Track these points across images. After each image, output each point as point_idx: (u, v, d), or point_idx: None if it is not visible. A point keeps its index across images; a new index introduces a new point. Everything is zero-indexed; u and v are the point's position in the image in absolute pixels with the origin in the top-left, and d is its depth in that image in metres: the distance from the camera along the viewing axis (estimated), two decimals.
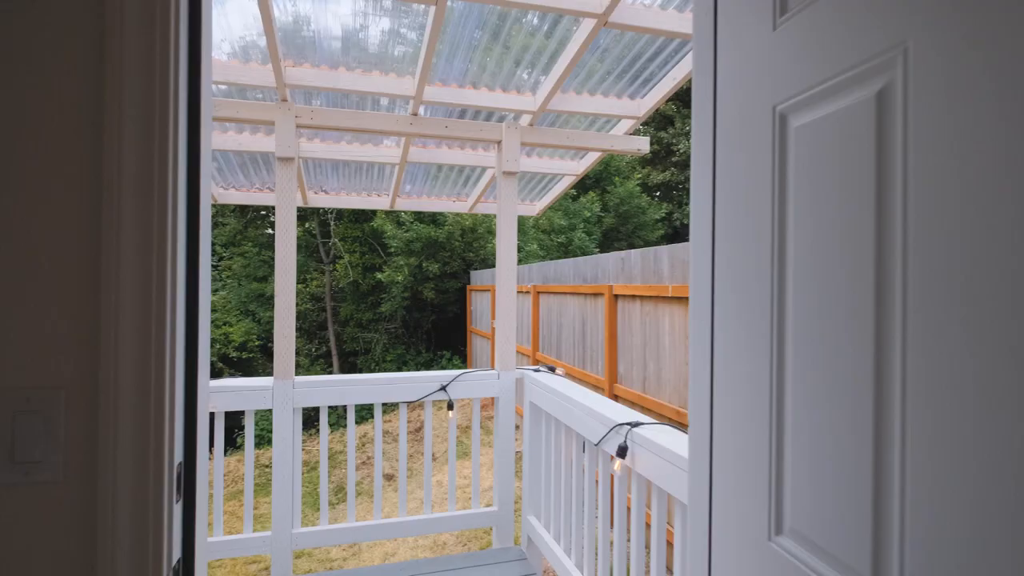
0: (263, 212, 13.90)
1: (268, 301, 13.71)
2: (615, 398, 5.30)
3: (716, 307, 1.04)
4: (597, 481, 2.32)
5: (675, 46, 2.73)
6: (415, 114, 2.95)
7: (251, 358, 12.67)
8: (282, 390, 2.74)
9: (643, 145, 3.39)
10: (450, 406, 3.00)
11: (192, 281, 0.89)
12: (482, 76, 2.93)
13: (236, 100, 2.68)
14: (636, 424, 1.96)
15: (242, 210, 13.62)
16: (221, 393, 2.67)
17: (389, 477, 7.45)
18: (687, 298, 4.25)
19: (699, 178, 1.09)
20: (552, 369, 3.10)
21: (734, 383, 0.96)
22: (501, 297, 3.14)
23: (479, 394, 3.05)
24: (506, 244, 3.10)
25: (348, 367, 13.12)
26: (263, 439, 8.89)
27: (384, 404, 4.44)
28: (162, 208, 0.81)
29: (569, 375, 6.57)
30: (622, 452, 1.93)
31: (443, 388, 2.99)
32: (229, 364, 12.52)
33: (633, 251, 5.06)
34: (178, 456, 0.84)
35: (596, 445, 2.18)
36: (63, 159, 0.79)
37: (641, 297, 4.85)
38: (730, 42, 0.99)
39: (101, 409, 0.78)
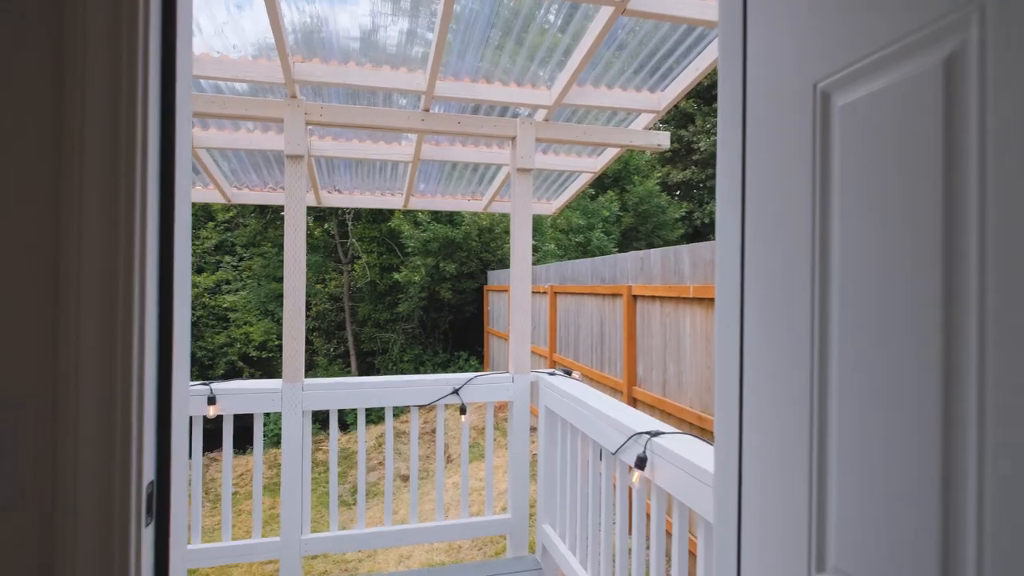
0: (283, 213, 14.02)
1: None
2: (634, 401, 5.18)
3: (746, 310, 0.93)
4: (615, 489, 2.22)
5: (696, 35, 2.61)
6: (427, 110, 2.87)
7: (271, 357, 12.77)
8: (291, 393, 2.68)
9: (663, 140, 3.27)
10: (463, 410, 2.92)
11: (166, 279, 0.82)
12: (495, 70, 2.84)
13: (246, 97, 2.64)
14: (656, 433, 1.85)
15: (262, 210, 13.75)
16: (229, 396, 2.62)
17: (405, 478, 7.41)
18: (710, 299, 4.13)
19: (726, 170, 0.98)
20: (568, 372, 3.00)
21: (767, 394, 0.85)
22: (516, 297, 3.05)
23: (493, 398, 2.96)
24: (521, 243, 3.01)
25: (366, 367, 13.15)
26: (278, 440, 8.93)
27: (396, 407, 4.44)
28: (129, 201, 0.74)
29: (586, 378, 6.45)
30: (641, 463, 1.83)
31: (456, 391, 2.91)
32: (250, 363, 12.64)
33: (653, 250, 4.93)
34: (148, 474, 0.76)
35: (614, 454, 2.08)
36: (20, 147, 0.72)
37: (661, 298, 4.71)
38: (762, 15, 0.88)
39: (60, 424, 0.70)
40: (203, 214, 15.04)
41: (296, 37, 2.53)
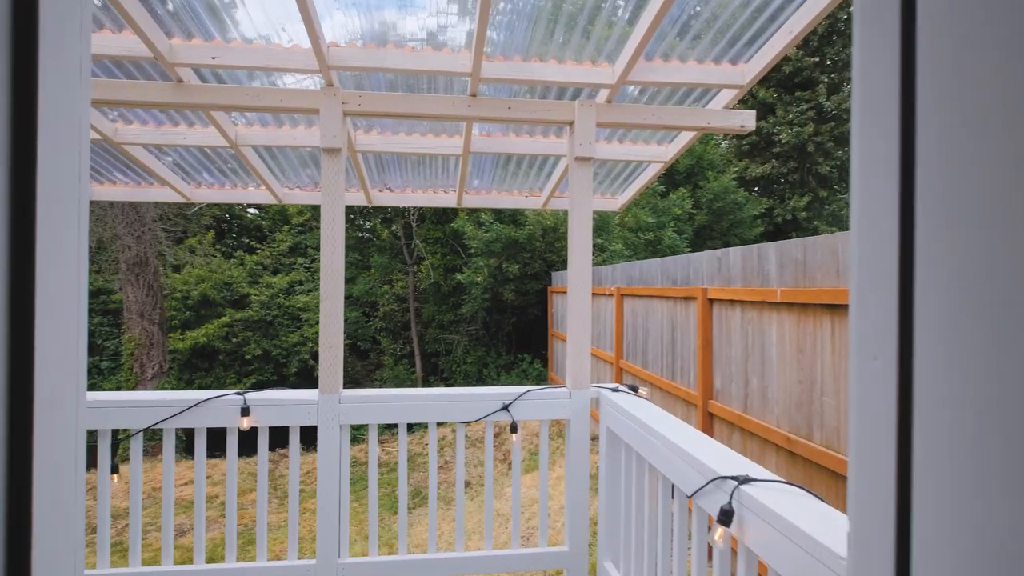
0: (350, 215, 14.31)
1: (354, 302, 14.09)
2: (710, 417, 4.67)
3: (919, 334, 0.55)
4: (690, 538, 1.83)
5: None
6: (474, 95, 2.59)
7: None
8: (327, 405, 2.48)
9: (747, 120, 2.81)
10: (513, 428, 2.61)
11: (21, 281, 0.55)
12: (549, 46, 2.51)
13: (279, 88, 2.46)
14: (746, 480, 1.46)
15: None
16: (263, 407, 2.45)
17: (449, 501, 7.20)
18: (802, 305, 3.60)
19: (870, 132, 0.60)
20: (634, 389, 2.62)
21: (971, 466, 0.48)
22: (573, 302, 2.71)
23: (547, 415, 2.63)
24: (579, 242, 2.66)
25: (430, 368, 13.16)
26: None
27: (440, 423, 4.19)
28: None
29: (655, 387, 5.97)
30: (725, 517, 1.44)
31: (506, 408, 2.60)
32: (319, 362, 12.96)
33: (732, 249, 4.42)
34: None
35: (689, 497, 1.70)
36: None
37: (742, 302, 4.20)
38: None
39: None
40: (279, 217, 15.67)
41: (332, 22, 2.33)
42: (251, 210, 16.36)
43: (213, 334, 11.34)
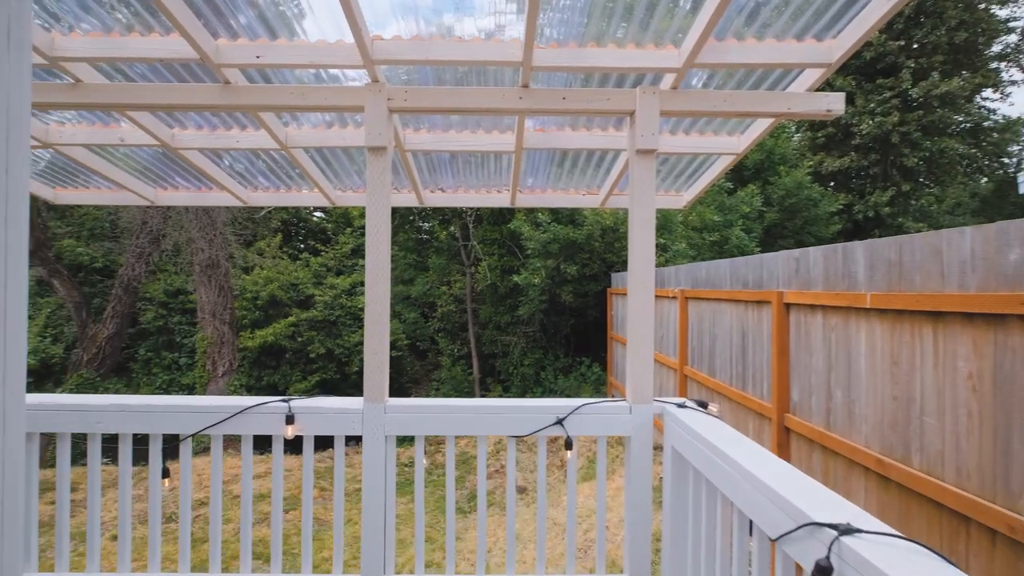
0: (409, 216, 14.50)
1: (413, 302, 14.26)
2: (787, 432, 4.28)
3: None
4: None
5: None
6: (525, 86, 2.41)
7: (398, 357, 13.23)
8: (372, 415, 2.37)
9: (835, 103, 2.48)
10: (568, 445, 2.41)
11: None
12: (608, 28, 2.30)
13: (323, 86, 2.38)
14: (848, 530, 1.20)
15: (392, 213, 14.32)
16: (308, 415, 2.37)
17: (500, 507, 7.04)
18: (896, 311, 3.18)
19: None
20: (703, 405, 2.36)
21: None
22: (634, 307, 2.48)
23: (605, 432, 2.42)
24: (641, 241, 2.43)
25: (487, 369, 13.10)
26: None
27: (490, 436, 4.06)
28: None
29: (723, 396, 5.58)
30: (823, 575, 1.18)
31: (560, 422, 2.41)
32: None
33: (812, 249, 4.02)
34: None
35: (773, 540, 1.45)
36: None
37: (824, 307, 3.80)
38: None
39: None
40: (343, 220, 16.12)
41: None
42: (317, 213, 16.92)
43: (280, 333, 11.74)
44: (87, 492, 2.41)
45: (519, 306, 12.10)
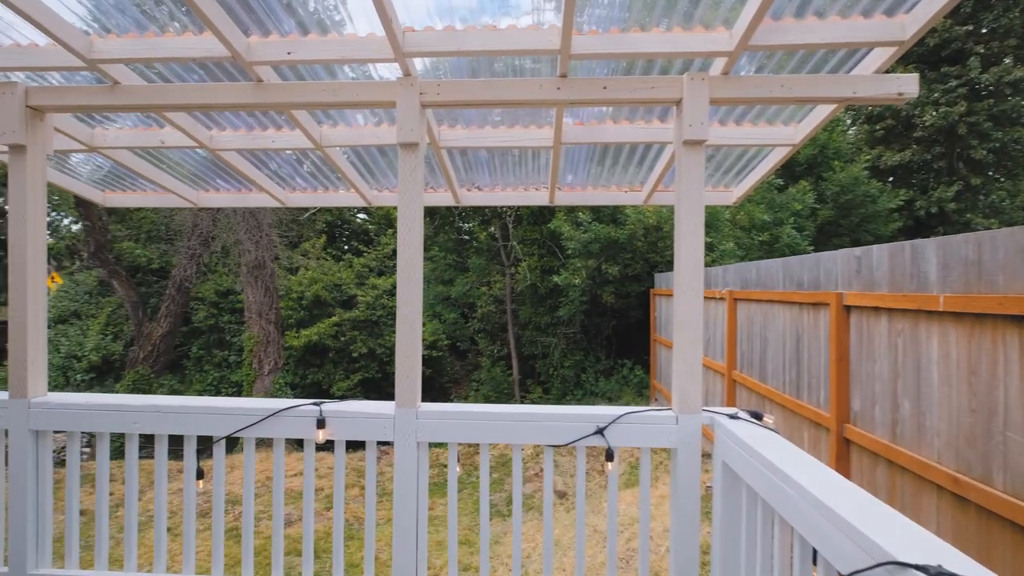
0: (449, 217, 14.53)
1: (452, 303, 14.27)
2: (847, 444, 3.98)
3: None
4: None
5: None
6: (564, 76, 2.28)
7: (439, 357, 13.27)
8: (404, 420, 2.28)
9: (907, 86, 2.24)
10: (609, 456, 2.26)
11: None
12: (652, 11, 2.14)
13: (354, 81, 2.31)
14: (940, 574, 1.02)
15: (430, 215, 14.38)
16: (339, 420, 2.31)
17: (538, 511, 6.89)
18: (975, 315, 2.88)
19: None
20: (758, 416, 2.17)
21: None
22: (681, 308, 2.31)
23: (649, 443, 2.26)
24: (689, 239, 2.26)
25: (527, 370, 12.98)
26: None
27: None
28: None
29: (775, 403, 5.28)
30: None
31: (600, 431, 2.26)
32: (423, 362, 13.31)
33: (875, 247, 3.72)
34: None
35: None
36: None
37: (890, 310, 3.51)
38: None
39: None
40: (384, 221, 16.33)
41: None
42: (360, 215, 17.20)
43: (324, 332, 11.96)
44: (124, 489, 2.42)
45: (559, 307, 11.93)
